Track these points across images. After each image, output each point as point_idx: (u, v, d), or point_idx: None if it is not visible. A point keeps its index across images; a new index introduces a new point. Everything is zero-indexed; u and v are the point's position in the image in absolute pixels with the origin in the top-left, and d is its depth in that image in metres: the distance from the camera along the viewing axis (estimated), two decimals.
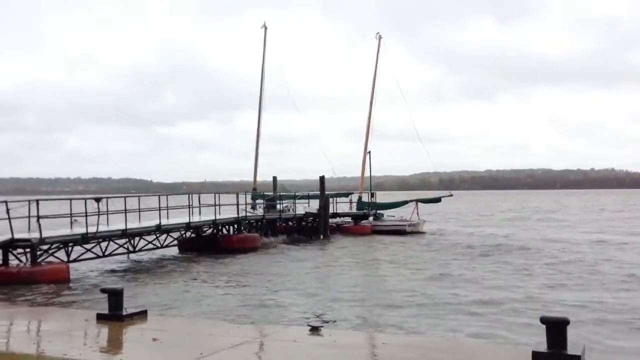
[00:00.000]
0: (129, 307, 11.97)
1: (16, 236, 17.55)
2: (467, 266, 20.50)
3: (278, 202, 34.17)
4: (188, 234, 25.79)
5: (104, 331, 9.85)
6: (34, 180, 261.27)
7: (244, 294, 15.35)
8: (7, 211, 17.31)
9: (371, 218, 37.55)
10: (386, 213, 38.93)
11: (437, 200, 40.67)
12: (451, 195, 42.28)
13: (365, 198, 39.17)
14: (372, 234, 34.56)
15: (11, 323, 10.75)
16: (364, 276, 18.80)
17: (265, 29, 39.89)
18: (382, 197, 43.71)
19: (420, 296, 14.64)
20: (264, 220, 30.19)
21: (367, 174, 39.83)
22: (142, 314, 10.91)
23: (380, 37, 41.87)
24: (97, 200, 19.82)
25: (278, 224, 32.31)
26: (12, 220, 17.27)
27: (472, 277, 18.07)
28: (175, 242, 25.40)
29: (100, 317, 10.52)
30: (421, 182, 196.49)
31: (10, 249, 17.93)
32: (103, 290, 11.06)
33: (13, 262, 17.97)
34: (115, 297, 10.75)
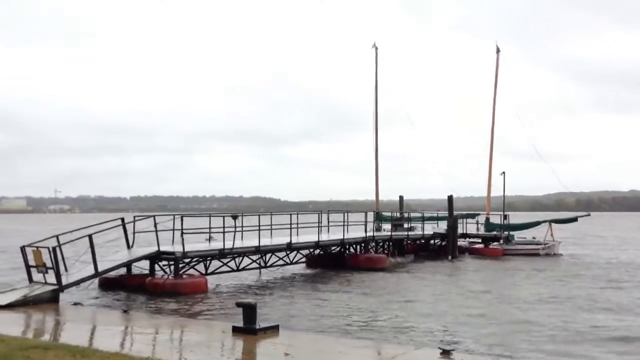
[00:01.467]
0: (261, 321, 12.51)
1: (162, 249, 18.94)
2: (617, 294, 18.94)
3: (406, 222, 33.90)
4: (317, 251, 26.32)
5: (239, 344, 10.31)
6: (174, 198, 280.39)
7: (371, 311, 15.35)
8: (155, 225, 18.77)
9: (502, 240, 36.07)
10: (517, 234, 37.22)
11: (573, 220, 38.05)
12: (589, 215, 39.54)
13: (494, 219, 37.75)
14: (503, 257, 33.14)
15: (157, 332, 11.55)
16: (495, 300, 18.00)
17: (376, 48, 40.30)
18: (512, 217, 41.73)
19: (556, 325, 13.77)
20: (391, 240, 30.08)
21: (499, 193, 38.39)
22: (274, 329, 11.30)
23: (499, 50, 40.65)
24: (234, 217, 20.85)
25: (405, 244, 32.04)
26: (157, 234, 18.74)
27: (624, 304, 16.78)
28: (304, 258, 26.00)
29: (236, 330, 11.04)
30: (556, 203, 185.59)
31: (157, 261, 19.37)
32: (238, 304, 11.59)
33: (158, 272, 19.38)
34: (249, 311, 11.23)
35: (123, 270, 19.10)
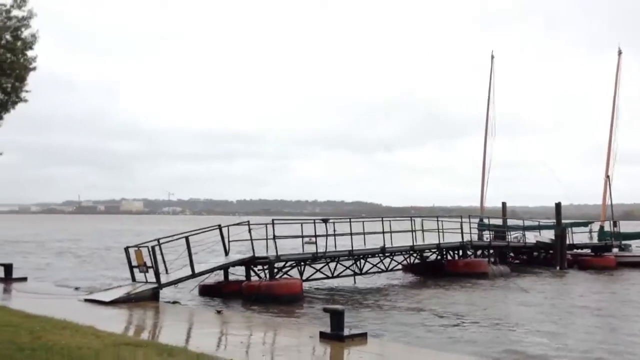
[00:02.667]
0: (351, 327, 12.27)
1: (256, 254, 19.21)
2: None
3: (508, 232, 32.30)
4: (413, 258, 25.70)
5: (326, 350, 10.13)
6: (279, 202, 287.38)
7: (470, 323, 14.62)
8: (249, 231, 19.08)
9: (615, 249, 33.48)
10: (634, 244, 34.40)
11: None
12: None
13: (609, 227, 35.13)
14: (616, 267, 30.73)
15: (245, 333, 11.64)
16: (615, 320, 16.39)
17: (493, 57, 39.04)
18: (634, 227, 38.61)
19: None
20: (491, 248, 28.78)
21: (619, 201, 35.80)
22: (362, 336, 11.03)
23: (620, 53, 37.91)
24: (325, 221, 20.82)
25: (507, 253, 30.52)
26: (252, 240, 19.05)
27: None
28: (399, 265, 25.45)
29: (323, 336, 10.88)
30: None
31: (252, 266, 19.67)
32: (325, 310, 11.43)
33: (254, 278, 19.66)
34: (336, 317, 11.03)
35: (221, 277, 19.49)
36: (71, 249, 42.29)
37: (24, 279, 19.35)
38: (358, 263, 22.76)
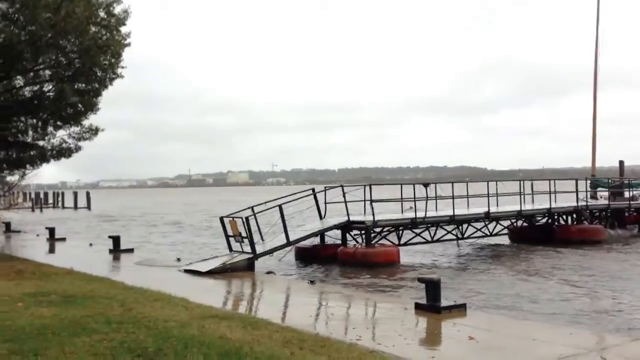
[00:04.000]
0: (449, 298, 11.50)
1: (352, 218, 18.76)
2: None
3: (627, 189, 29.67)
4: (520, 222, 24.20)
5: (420, 323, 9.48)
6: (379, 169, 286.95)
7: (582, 294, 13.36)
8: (344, 195, 18.64)
9: None
10: None
11: None
12: None
13: None
14: None
15: (336, 305, 11.20)
16: None
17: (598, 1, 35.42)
18: None
19: None
20: (609, 210, 26.53)
21: None
22: (461, 308, 10.24)
23: None
24: (426, 185, 19.93)
25: (626, 215, 28.04)
26: (351, 205, 18.62)
27: None
28: (506, 230, 24.05)
29: (418, 307, 10.23)
30: None
31: (348, 231, 19.27)
32: (420, 280, 10.75)
33: (351, 242, 19.28)
34: (432, 287, 10.32)
35: (317, 241, 19.35)
36: (179, 220, 44.08)
37: (131, 250, 20.10)
38: (460, 227, 21.71)
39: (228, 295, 12.28)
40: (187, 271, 15.26)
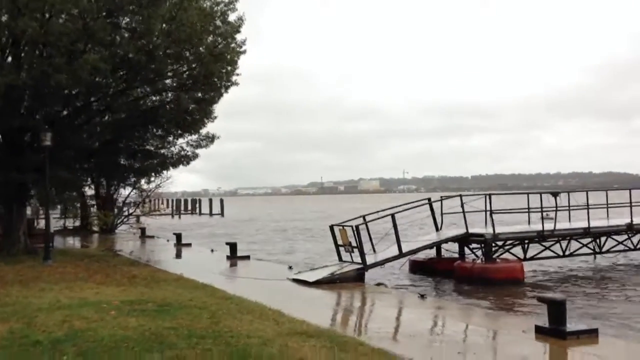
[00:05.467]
0: (579, 321, 10.07)
1: (471, 230, 17.40)
2: None
3: None
4: None
5: (539, 351, 8.21)
6: (516, 176, 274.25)
7: None
8: (462, 205, 17.31)
9: None
10: None
11: None
12: None
13: None
14: None
15: (442, 324, 10.19)
16: None
17: None
18: None
19: None
20: None
21: None
22: (592, 333, 8.77)
23: None
24: (555, 194, 18.03)
25: None
26: (471, 215, 17.31)
27: None
28: None
29: (539, 331, 8.91)
30: None
31: (466, 244, 17.89)
32: (541, 299, 9.42)
33: (469, 256, 17.89)
34: (556, 308, 8.96)
35: (433, 253, 18.19)
36: (304, 226, 44.41)
37: (247, 257, 20.17)
38: (597, 241, 19.40)
39: (328, 309, 11.61)
40: (294, 280, 14.87)
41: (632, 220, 19.00)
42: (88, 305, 9.62)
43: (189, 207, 77.60)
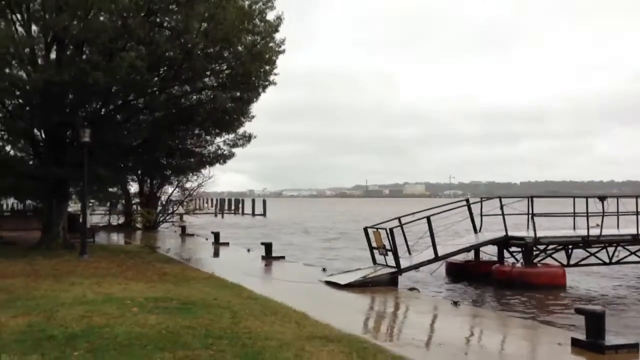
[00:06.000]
0: (618, 334, 9.49)
1: (511, 234, 16.79)
2: None
3: None
4: None
5: None
6: (567, 183, 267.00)
7: None
8: (501, 207, 16.73)
9: None
10: None
11: None
12: None
13: None
14: None
15: (481, 335, 9.76)
16: None
17: None
18: None
19: None
20: None
21: None
22: (632, 348, 8.22)
23: None
24: (602, 198, 17.21)
25: None
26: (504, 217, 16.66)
27: None
28: None
29: (576, 344, 8.41)
30: None
31: (506, 247, 17.27)
32: (579, 311, 8.88)
33: (509, 259, 17.27)
34: (594, 320, 8.43)
35: (471, 257, 17.66)
36: (343, 228, 44.10)
37: (282, 257, 20.04)
38: None
39: (355, 313, 11.28)
40: (327, 283, 14.62)
41: None
42: (112, 301, 9.61)
43: (232, 207, 78.28)
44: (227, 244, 25.43)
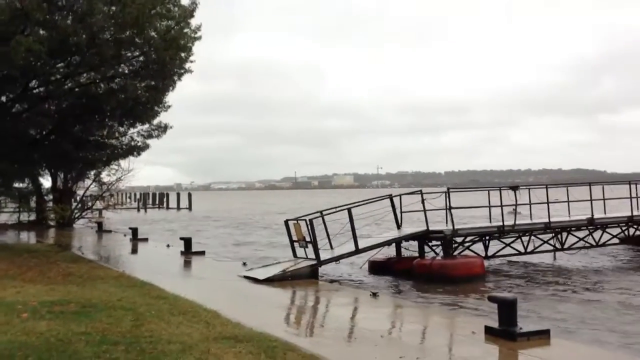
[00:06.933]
0: (530, 321, 9.57)
1: (432, 227, 16.87)
2: None
3: None
4: (632, 231, 21.02)
5: (485, 352, 7.65)
6: (488, 172, 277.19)
7: None
8: (422, 202, 16.77)
9: None
10: None
11: None
12: None
13: None
14: None
15: (397, 326, 9.62)
16: None
17: None
18: None
19: None
20: None
21: None
22: (543, 334, 8.23)
23: None
24: (514, 189, 17.61)
25: None
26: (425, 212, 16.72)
27: None
28: (615, 239, 20.89)
29: (489, 332, 8.35)
30: None
31: (427, 241, 17.37)
32: (492, 299, 8.86)
33: (429, 254, 17.39)
34: (506, 308, 8.40)
35: (393, 253, 17.60)
36: (267, 221, 43.62)
37: (202, 253, 19.38)
38: (559, 237, 19.06)
39: (272, 308, 10.85)
40: (246, 278, 14.16)
41: (592, 215, 18.70)
42: (0, 306, 8.77)
43: (157, 202, 76.15)
44: (146, 239, 24.43)
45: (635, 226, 20.56)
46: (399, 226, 17.77)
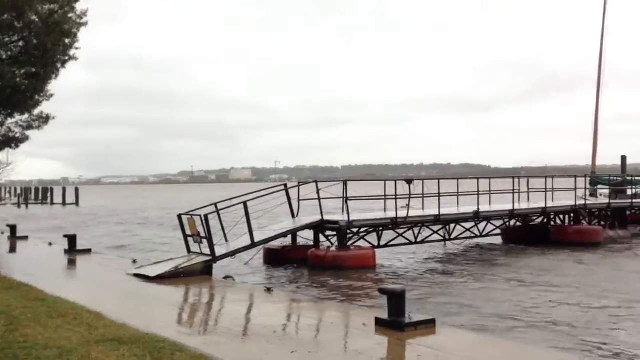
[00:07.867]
0: (418, 311, 9.86)
1: (327, 218, 17.06)
2: None
3: (629, 187, 27.84)
4: (513, 222, 22.45)
5: (378, 343, 7.79)
6: (383, 166, 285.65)
7: (573, 305, 11.63)
8: (317, 192, 16.93)
9: None
10: None
11: None
12: None
13: None
14: None
15: (286, 319, 9.57)
16: None
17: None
18: None
19: None
20: (609, 210, 24.71)
21: None
22: (429, 324, 8.51)
23: None
24: (409, 182, 18.19)
25: (628, 214, 26.17)
26: (320, 202, 16.89)
27: None
28: (498, 230, 22.27)
29: (379, 323, 8.52)
30: None
31: (322, 231, 17.55)
32: (382, 291, 9.05)
33: (324, 243, 17.59)
34: (395, 299, 8.60)
35: (289, 241, 17.66)
36: (162, 217, 42.38)
37: (88, 251, 18.40)
38: (447, 228, 19.96)
39: (161, 307, 10.45)
40: (136, 275, 13.58)
41: (478, 208, 19.73)
42: None
43: (40, 196, 71.70)
44: (26, 237, 22.86)
45: (516, 218, 21.95)
46: (293, 216, 17.82)
